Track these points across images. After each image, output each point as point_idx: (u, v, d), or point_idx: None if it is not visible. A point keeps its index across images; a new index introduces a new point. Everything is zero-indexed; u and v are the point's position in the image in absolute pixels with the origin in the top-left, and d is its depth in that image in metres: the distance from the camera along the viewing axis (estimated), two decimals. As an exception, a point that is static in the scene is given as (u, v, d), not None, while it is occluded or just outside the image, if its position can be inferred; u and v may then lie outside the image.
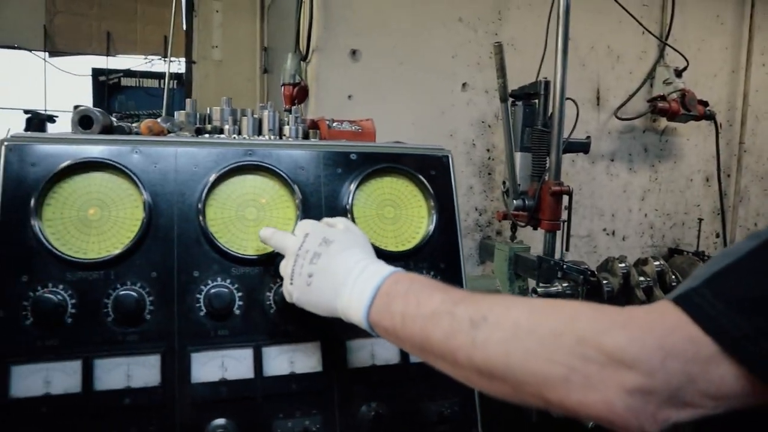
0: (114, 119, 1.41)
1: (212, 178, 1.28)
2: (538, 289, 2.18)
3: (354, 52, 2.66)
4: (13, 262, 1.16)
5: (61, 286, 1.17)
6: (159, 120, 1.81)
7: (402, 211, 1.43)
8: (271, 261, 1.28)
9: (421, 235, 1.43)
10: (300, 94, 2.59)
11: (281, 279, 1.18)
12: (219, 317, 1.23)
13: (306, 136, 1.76)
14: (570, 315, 0.76)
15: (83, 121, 1.32)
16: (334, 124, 1.91)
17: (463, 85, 2.87)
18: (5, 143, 1.21)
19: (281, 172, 1.32)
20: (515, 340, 0.78)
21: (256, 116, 1.77)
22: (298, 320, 1.26)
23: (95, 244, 1.21)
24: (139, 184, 1.23)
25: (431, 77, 2.81)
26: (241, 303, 1.25)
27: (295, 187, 1.32)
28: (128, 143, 1.27)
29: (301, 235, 1.16)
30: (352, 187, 1.36)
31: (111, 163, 1.23)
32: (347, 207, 1.35)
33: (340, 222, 1.22)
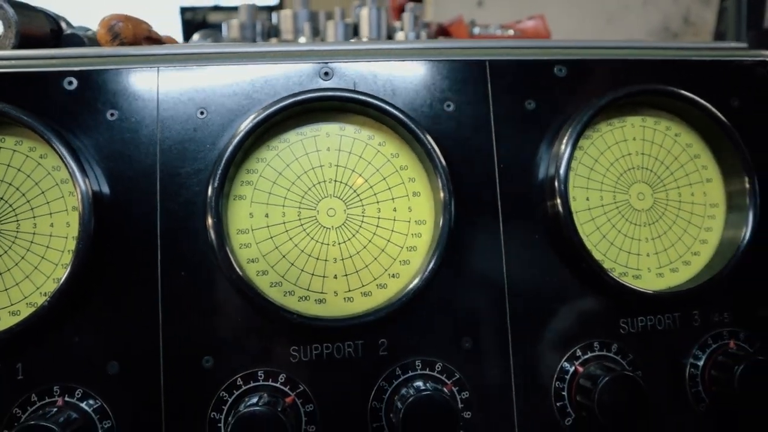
0: (64, 24, 0.66)
1: (240, 134, 0.51)
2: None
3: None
4: None
5: None
6: (198, 36, 1.07)
7: (667, 195, 0.59)
8: (387, 323, 0.51)
9: (712, 249, 0.59)
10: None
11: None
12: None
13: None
14: None
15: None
16: (477, 29, 1.08)
17: (640, -22, 1.89)
18: None
19: (399, 114, 0.52)
20: None
21: (348, 20, 0.98)
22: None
23: (-17, 300, 0.50)
24: (69, 160, 0.49)
25: (594, -30, 1.85)
26: (312, 430, 0.50)
27: (431, 145, 0.52)
28: (56, 62, 0.52)
29: None
30: (566, 142, 0.54)
31: (2, 110, 0.49)
32: (557, 187, 0.53)
33: None
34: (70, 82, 0.51)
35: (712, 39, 1.84)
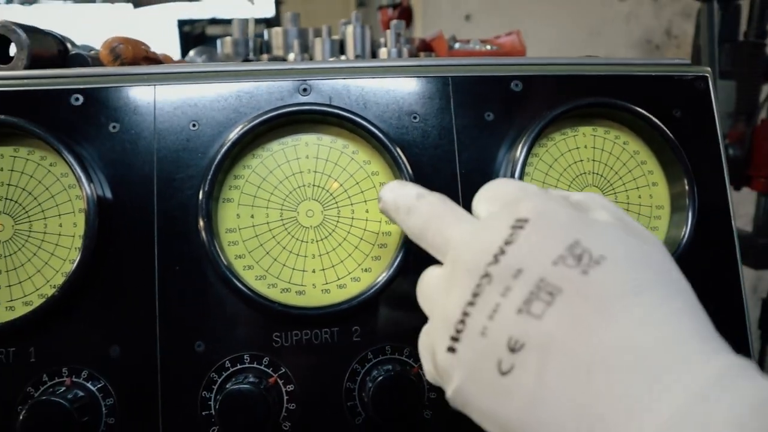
0: (69, 44, 0.72)
1: (228, 143, 0.57)
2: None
3: (471, -43, 1.84)
4: None
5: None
6: (197, 54, 1.13)
7: (616, 197, 0.65)
8: (359, 312, 0.57)
9: (657, 244, 0.65)
10: (402, 18, 1.80)
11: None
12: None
13: (414, 64, 1.01)
14: None
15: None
16: (457, 45, 1.14)
17: (622, -8, 1.96)
18: None
19: (370, 126, 0.58)
20: None
21: (335, 37, 1.04)
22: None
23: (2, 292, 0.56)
24: (76, 168, 0.55)
25: (577, -15, 1.92)
26: (293, 408, 0.56)
27: (398, 153, 0.58)
28: (64, 81, 0.58)
29: (503, 219, 0.38)
30: (521, 148, 0.60)
31: (18, 124, 0.55)
32: (510, 194, 0.59)
33: (599, 206, 0.42)
34: (77, 99, 0.58)
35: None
